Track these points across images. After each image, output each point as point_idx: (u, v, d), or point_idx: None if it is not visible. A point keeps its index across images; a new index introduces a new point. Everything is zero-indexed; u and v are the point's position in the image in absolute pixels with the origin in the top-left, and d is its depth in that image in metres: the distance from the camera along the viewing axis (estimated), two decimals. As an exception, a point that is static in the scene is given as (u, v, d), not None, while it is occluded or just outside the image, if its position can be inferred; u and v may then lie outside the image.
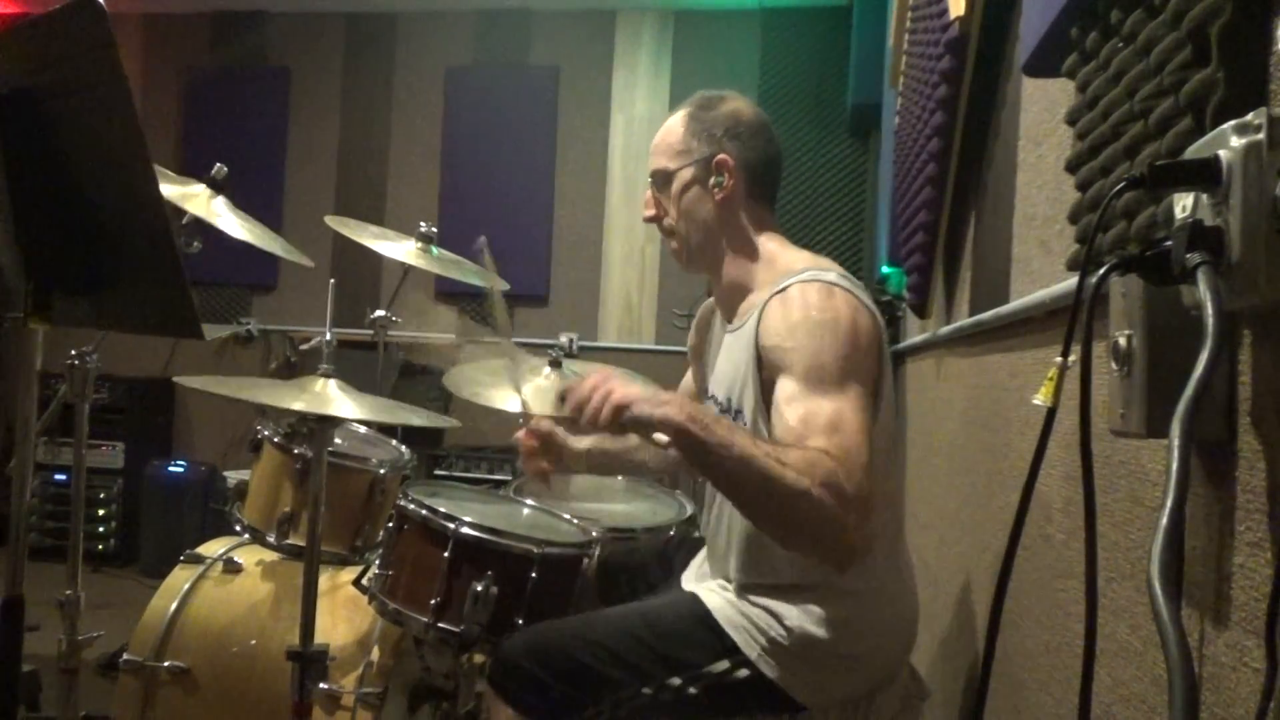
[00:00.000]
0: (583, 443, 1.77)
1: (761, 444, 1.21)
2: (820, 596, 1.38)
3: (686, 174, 1.51)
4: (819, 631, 1.37)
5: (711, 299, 1.67)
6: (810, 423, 1.24)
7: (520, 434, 1.74)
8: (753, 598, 1.42)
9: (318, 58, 5.27)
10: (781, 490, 1.16)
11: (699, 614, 1.43)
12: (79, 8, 1.09)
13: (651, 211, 1.57)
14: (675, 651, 1.39)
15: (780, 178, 1.61)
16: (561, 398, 1.31)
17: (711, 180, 1.51)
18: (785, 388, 1.30)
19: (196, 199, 2.02)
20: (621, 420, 1.23)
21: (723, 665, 1.38)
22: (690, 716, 1.39)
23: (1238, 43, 0.67)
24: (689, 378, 1.82)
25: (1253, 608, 0.65)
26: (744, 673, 1.38)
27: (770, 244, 1.52)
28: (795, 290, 1.36)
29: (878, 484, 1.27)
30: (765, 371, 1.38)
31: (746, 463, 1.17)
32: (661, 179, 1.55)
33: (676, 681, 1.37)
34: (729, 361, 1.50)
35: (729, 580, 1.49)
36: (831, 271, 1.41)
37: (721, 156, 1.50)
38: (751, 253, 1.52)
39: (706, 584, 1.53)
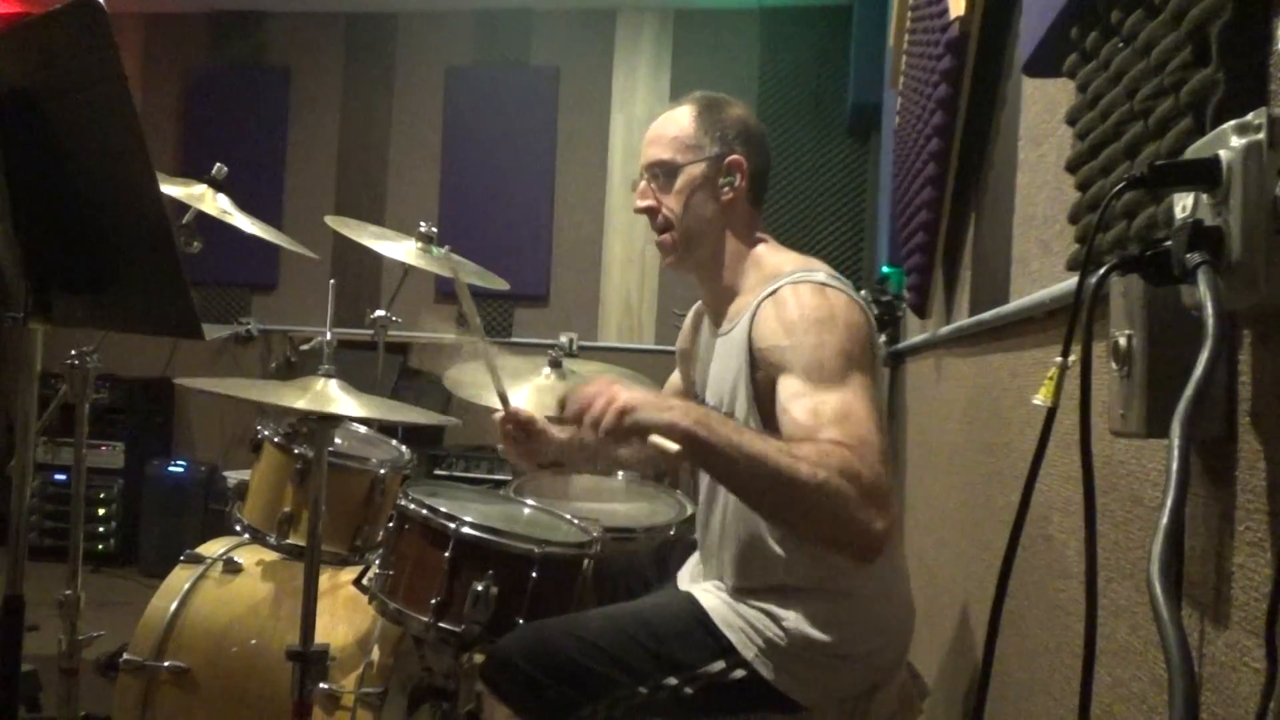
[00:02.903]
0: (564, 432, 1.70)
1: (771, 440, 1.18)
2: (816, 598, 1.39)
3: (696, 170, 1.50)
4: (816, 632, 1.37)
5: (700, 302, 1.66)
6: (819, 415, 1.22)
7: (498, 416, 1.69)
8: (749, 600, 1.42)
9: (318, 58, 5.26)
10: (798, 485, 1.13)
11: (695, 614, 1.43)
12: (79, 8, 1.09)
13: (648, 202, 1.52)
14: (671, 651, 1.39)
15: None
16: (562, 405, 1.28)
17: (722, 180, 1.50)
18: (788, 386, 1.28)
19: (201, 198, 2.03)
20: (625, 425, 1.17)
21: (719, 665, 1.38)
22: (686, 716, 1.39)
23: (1238, 43, 0.67)
24: (675, 377, 1.81)
25: (1253, 608, 0.65)
26: (740, 673, 1.38)
27: (760, 247, 1.53)
28: (787, 291, 1.37)
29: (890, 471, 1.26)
30: (761, 373, 1.38)
31: (758, 461, 1.14)
32: (665, 171, 1.51)
33: (672, 681, 1.38)
34: (721, 366, 1.49)
35: (723, 582, 1.49)
36: (820, 271, 1.41)
37: (735, 158, 1.50)
38: (742, 255, 1.51)
39: (701, 584, 1.53)
